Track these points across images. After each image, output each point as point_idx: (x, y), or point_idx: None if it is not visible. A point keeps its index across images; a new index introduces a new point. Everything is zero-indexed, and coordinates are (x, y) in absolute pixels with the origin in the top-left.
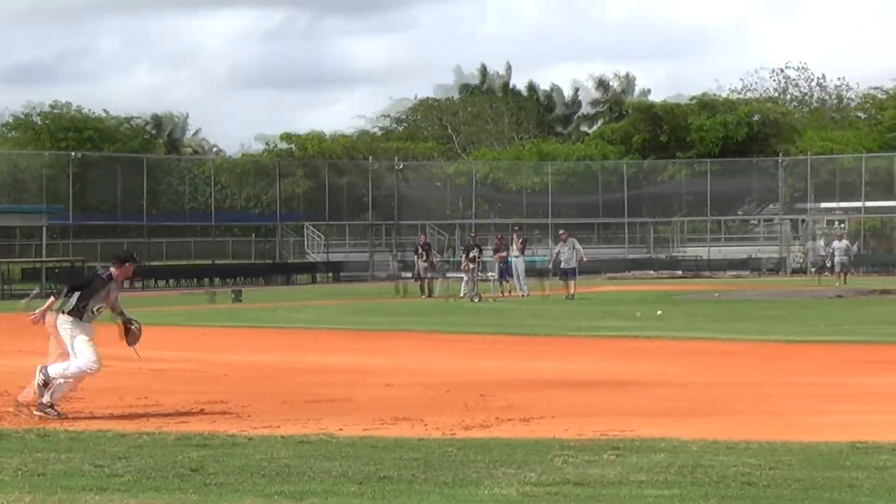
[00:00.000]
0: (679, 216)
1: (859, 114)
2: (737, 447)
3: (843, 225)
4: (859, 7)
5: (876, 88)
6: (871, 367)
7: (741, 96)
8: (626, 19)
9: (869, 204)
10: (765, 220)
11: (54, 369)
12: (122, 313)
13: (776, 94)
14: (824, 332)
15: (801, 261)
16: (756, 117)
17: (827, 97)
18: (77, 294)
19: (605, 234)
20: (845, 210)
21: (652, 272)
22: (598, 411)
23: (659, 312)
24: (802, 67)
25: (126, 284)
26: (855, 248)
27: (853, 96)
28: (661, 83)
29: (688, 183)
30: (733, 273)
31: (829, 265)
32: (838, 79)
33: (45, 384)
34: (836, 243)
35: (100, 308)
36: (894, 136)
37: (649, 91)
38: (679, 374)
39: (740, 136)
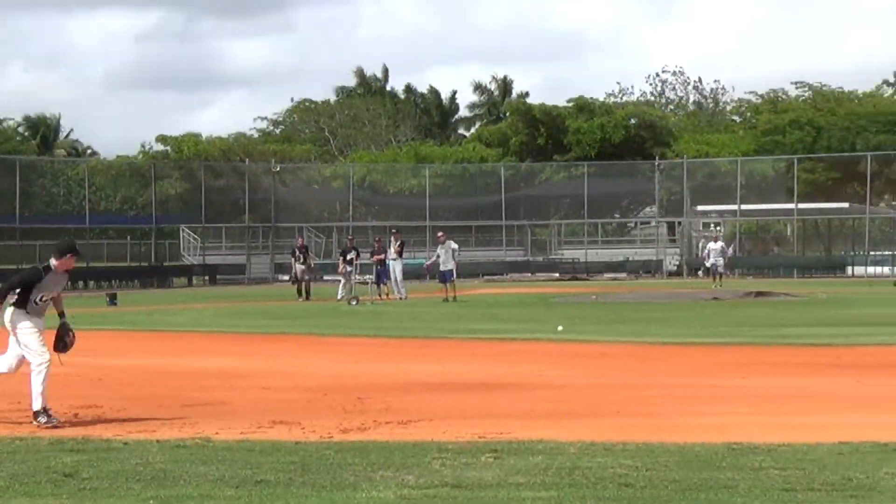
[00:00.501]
0: (556, 219)
1: (735, 118)
2: (614, 448)
3: (718, 228)
4: (736, 12)
5: (751, 93)
6: (747, 369)
7: (618, 99)
8: (503, 22)
9: (745, 207)
10: (641, 223)
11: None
12: (62, 314)
13: (653, 98)
14: (701, 334)
15: (679, 263)
16: (633, 120)
17: (703, 101)
18: (18, 289)
19: (483, 237)
20: (721, 213)
21: (529, 274)
22: (476, 414)
23: (560, 328)
24: (679, 71)
25: None
26: (731, 250)
27: (729, 100)
28: (539, 86)
29: (565, 185)
30: (610, 275)
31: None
32: (714, 81)
33: None
34: (711, 246)
35: (43, 297)
36: (769, 140)
37: (527, 94)
38: (557, 376)
39: (617, 139)
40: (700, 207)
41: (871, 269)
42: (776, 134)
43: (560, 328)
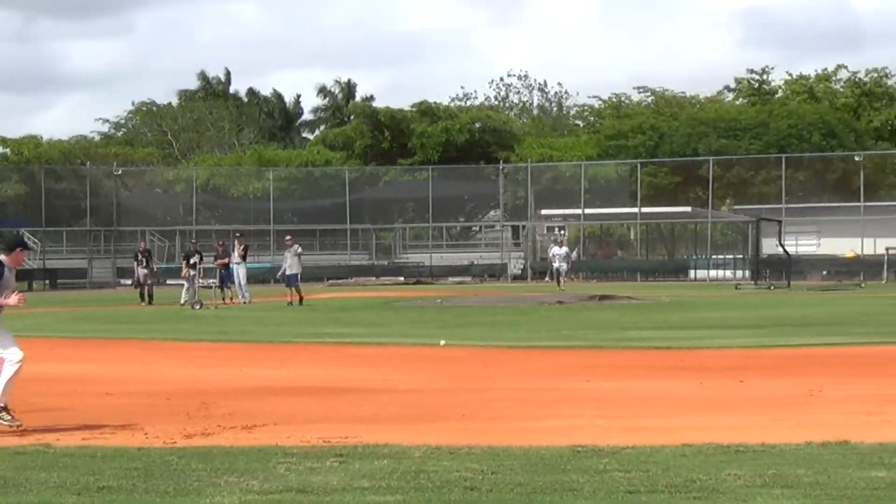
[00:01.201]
0: (401, 222)
1: (578, 122)
2: (459, 452)
3: (562, 231)
4: (579, 17)
5: (594, 97)
6: (592, 372)
7: (463, 103)
8: (346, 25)
9: (588, 211)
10: (486, 227)
11: None
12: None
13: (497, 102)
14: (545, 337)
15: (523, 267)
16: (477, 124)
17: (547, 105)
18: None
19: (328, 241)
20: (565, 217)
21: (374, 279)
22: (321, 418)
23: (442, 342)
24: (523, 75)
25: None
26: (575, 254)
27: (572, 105)
28: (384, 90)
29: (410, 189)
30: (455, 279)
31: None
32: (557, 84)
33: None
34: (555, 249)
35: (6, 296)
36: (613, 145)
37: (372, 97)
38: (402, 379)
39: (461, 142)
40: (544, 211)
41: (713, 273)
42: (619, 139)
43: (442, 342)
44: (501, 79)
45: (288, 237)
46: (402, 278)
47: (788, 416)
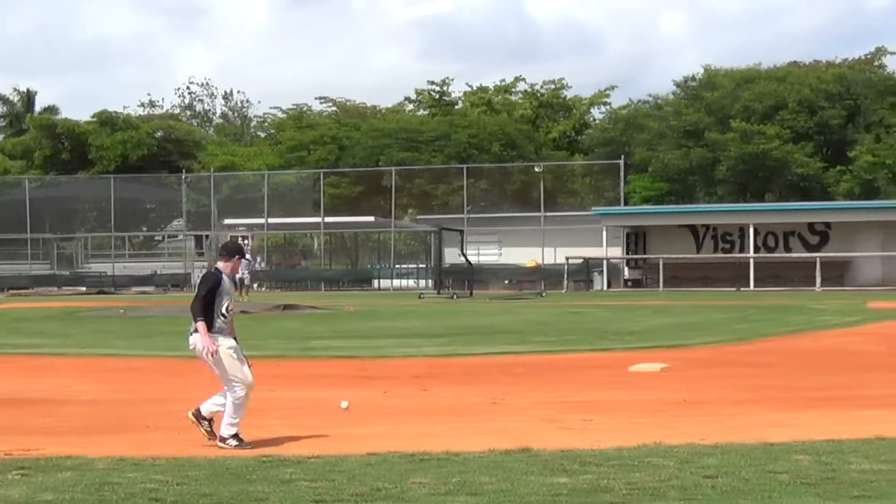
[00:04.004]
0: (83, 232)
1: (260, 132)
2: (143, 463)
3: (246, 241)
4: (260, 27)
5: (276, 108)
6: (277, 382)
7: (149, 111)
8: (25, 33)
9: (272, 220)
10: (169, 237)
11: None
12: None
13: (181, 110)
14: None
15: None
16: (159, 133)
17: (231, 114)
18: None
19: (8, 250)
20: (249, 226)
21: (56, 288)
22: (2, 430)
23: (344, 404)
24: (207, 84)
25: None
26: (258, 263)
27: (254, 115)
28: (66, 97)
29: (91, 199)
30: (138, 289)
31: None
32: (239, 92)
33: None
34: None
35: (228, 307)
36: (295, 156)
37: (53, 106)
38: (86, 390)
39: (143, 152)
40: (228, 220)
41: (397, 282)
42: (301, 150)
43: (344, 404)
44: (188, 87)
45: None
46: (83, 288)
47: (472, 424)
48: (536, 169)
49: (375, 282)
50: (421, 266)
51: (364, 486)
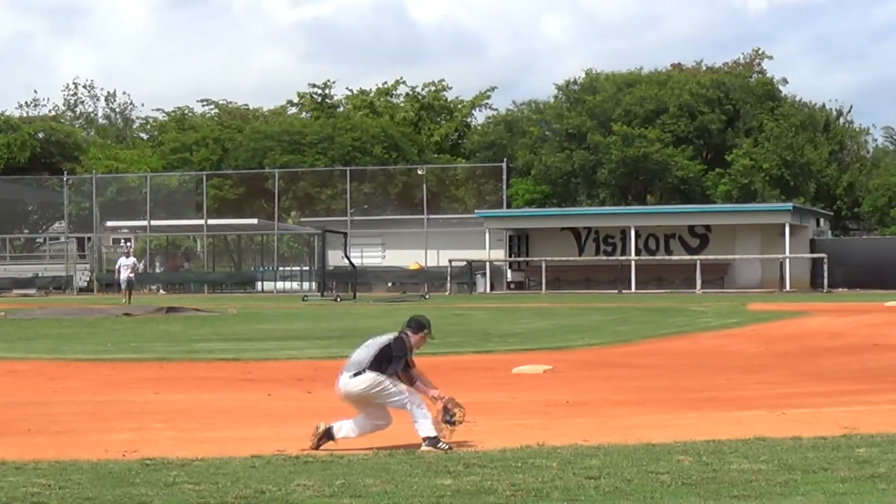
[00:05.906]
0: None
1: (143, 134)
2: (26, 467)
3: (129, 243)
4: (141, 27)
5: (158, 110)
6: (160, 384)
7: (32, 111)
8: None
9: (155, 223)
10: (51, 239)
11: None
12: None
13: (63, 111)
14: (113, 350)
15: (90, 279)
16: (41, 135)
17: (114, 115)
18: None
19: None
20: (132, 228)
21: None
22: None
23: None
24: (90, 85)
25: None
26: (141, 266)
27: (138, 116)
28: None
29: None
30: (20, 292)
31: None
32: (124, 93)
33: None
34: (122, 261)
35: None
36: (177, 158)
37: None
38: None
39: (24, 155)
40: (110, 223)
41: (280, 285)
42: (184, 151)
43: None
44: (70, 87)
45: None
46: None
47: None
48: (419, 171)
49: (259, 284)
50: (304, 268)
51: (248, 488)
